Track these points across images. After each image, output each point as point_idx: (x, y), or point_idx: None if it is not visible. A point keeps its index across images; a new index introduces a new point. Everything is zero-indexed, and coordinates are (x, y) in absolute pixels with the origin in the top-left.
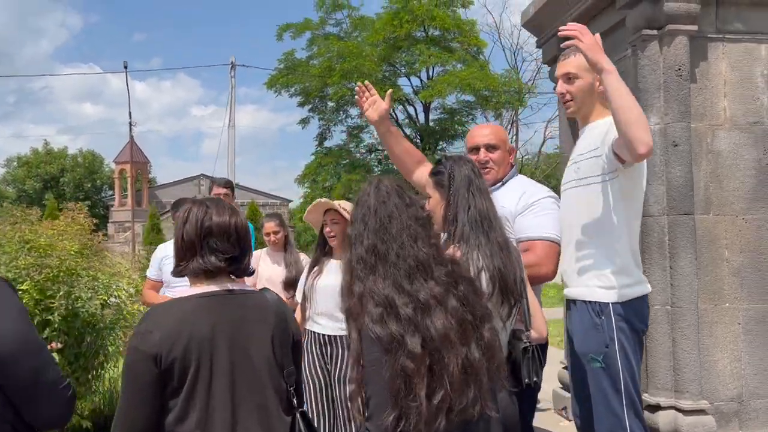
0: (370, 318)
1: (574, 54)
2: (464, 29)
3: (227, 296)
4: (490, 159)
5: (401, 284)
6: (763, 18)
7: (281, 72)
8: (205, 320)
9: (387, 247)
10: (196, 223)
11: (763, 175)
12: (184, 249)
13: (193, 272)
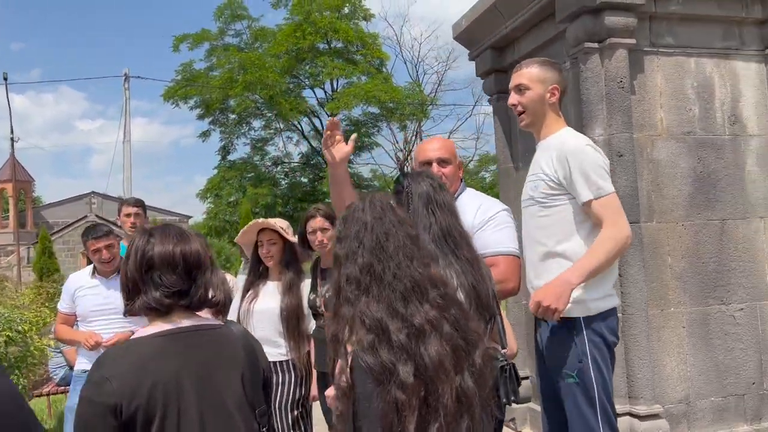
0: (361, 346)
1: (526, 66)
2: (367, 42)
3: (190, 334)
4: (443, 174)
5: (396, 307)
6: (690, 33)
7: (179, 83)
8: (168, 363)
9: (383, 267)
10: (136, 255)
11: (698, 183)
12: (128, 286)
13: (142, 311)
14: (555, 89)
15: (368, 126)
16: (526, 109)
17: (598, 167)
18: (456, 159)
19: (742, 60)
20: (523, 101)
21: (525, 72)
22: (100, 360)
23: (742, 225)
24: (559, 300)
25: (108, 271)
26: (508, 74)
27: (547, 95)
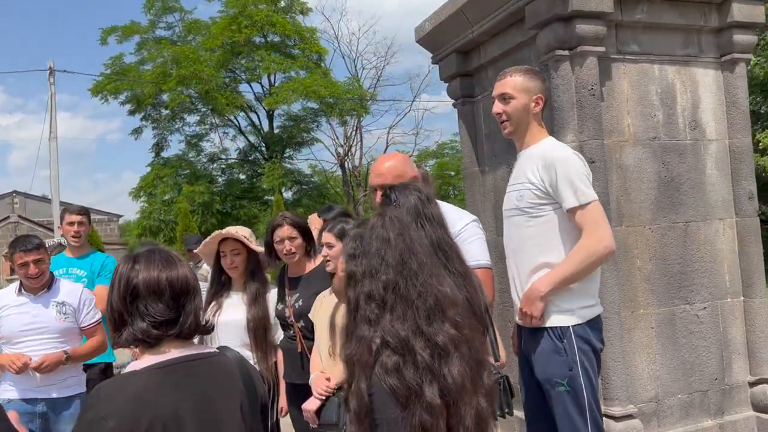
0: (384, 368)
1: (511, 75)
2: (305, 36)
3: (185, 365)
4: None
5: (420, 326)
6: (652, 40)
7: (108, 78)
8: (165, 397)
9: (408, 284)
10: (120, 283)
11: (663, 187)
12: (114, 317)
13: (130, 342)
14: (539, 98)
15: (307, 121)
16: (510, 119)
17: (582, 175)
18: (404, 178)
19: (701, 67)
20: (507, 110)
21: (509, 81)
22: (92, 398)
23: (703, 227)
24: (531, 306)
25: (36, 287)
26: (473, 78)
27: (532, 104)
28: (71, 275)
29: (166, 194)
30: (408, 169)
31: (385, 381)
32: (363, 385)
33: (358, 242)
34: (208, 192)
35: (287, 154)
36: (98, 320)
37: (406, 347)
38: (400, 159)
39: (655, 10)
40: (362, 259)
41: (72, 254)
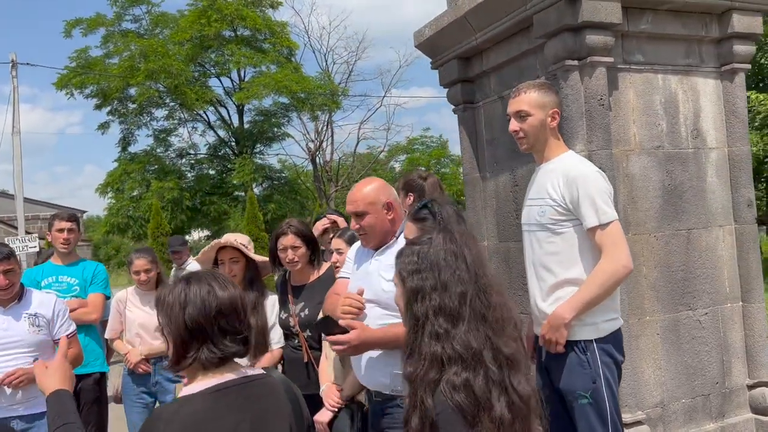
0: (452, 385)
1: (525, 91)
2: (275, 30)
3: (240, 387)
4: (361, 226)
5: (491, 339)
6: (657, 50)
7: (74, 71)
8: (223, 421)
9: (480, 298)
10: (203, 304)
11: (667, 195)
12: (190, 338)
13: (205, 364)
14: (555, 113)
15: (278, 116)
16: (527, 135)
17: (603, 193)
18: (375, 206)
19: (701, 77)
20: (525, 128)
21: (525, 98)
22: (151, 422)
23: (704, 234)
24: (556, 333)
25: (6, 299)
26: (474, 84)
27: (548, 120)
28: (61, 283)
29: (134, 190)
30: (381, 196)
31: (452, 398)
32: (429, 402)
33: (419, 257)
34: (177, 188)
35: (258, 149)
36: (73, 332)
37: (478, 360)
38: (374, 186)
39: (659, 21)
40: (429, 273)
41: (61, 262)
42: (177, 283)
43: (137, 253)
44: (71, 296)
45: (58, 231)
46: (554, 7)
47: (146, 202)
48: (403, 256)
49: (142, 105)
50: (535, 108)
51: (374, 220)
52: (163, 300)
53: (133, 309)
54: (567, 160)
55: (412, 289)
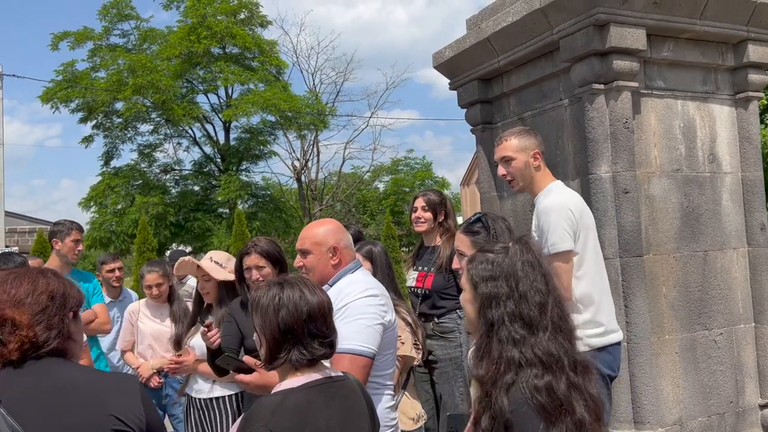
0: (532, 386)
1: (506, 139)
2: (264, 49)
3: (331, 385)
4: (303, 264)
5: (564, 345)
6: (676, 77)
7: (60, 84)
8: (321, 414)
9: (552, 305)
10: (295, 308)
11: (686, 217)
12: (282, 339)
13: (300, 363)
14: (536, 154)
15: (265, 134)
16: (515, 177)
17: (559, 225)
18: (321, 247)
19: (717, 103)
20: (511, 171)
21: (507, 145)
22: (253, 412)
23: (720, 255)
24: None
25: None
26: (492, 105)
27: (531, 160)
28: None
29: (118, 204)
30: (329, 239)
31: (533, 398)
32: (503, 401)
33: (494, 265)
34: (161, 203)
35: (243, 166)
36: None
37: (559, 365)
38: (325, 229)
39: (680, 48)
40: (504, 281)
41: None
42: (272, 287)
43: (149, 266)
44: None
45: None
46: (582, 32)
47: (130, 217)
48: (475, 262)
49: (127, 119)
50: (518, 152)
51: (316, 261)
52: (258, 302)
53: (145, 321)
54: (546, 192)
55: (486, 295)
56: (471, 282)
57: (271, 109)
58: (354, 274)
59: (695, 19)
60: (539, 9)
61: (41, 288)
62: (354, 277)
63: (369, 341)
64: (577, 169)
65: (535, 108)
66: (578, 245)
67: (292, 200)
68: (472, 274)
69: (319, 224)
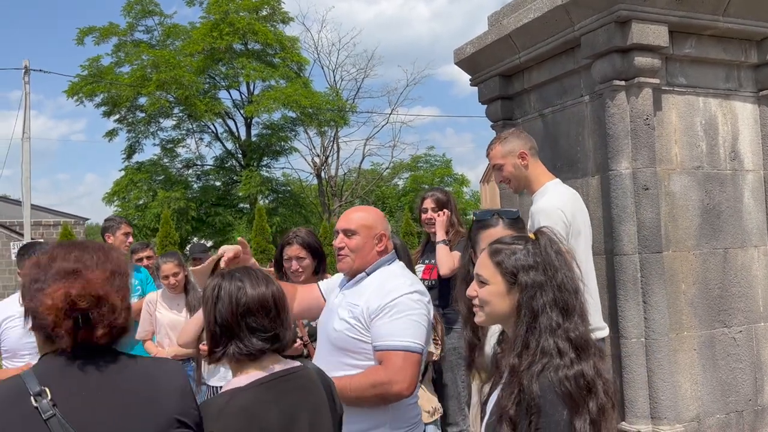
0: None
1: (491, 148)
2: (286, 45)
3: (284, 378)
4: (345, 245)
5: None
6: (699, 74)
7: (85, 79)
8: (272, 412)
9: (583, 294)
10: (230, 300)
11: (706, 214)
12: (219, 332)
13: (233, 357)
14: (523, 154)
15: (286, 130)
16: (509, 181)
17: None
18: (371, 231)
19: (740, 101)
20: (505, 176)
21: (493, 154)
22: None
23: (740, 253)
24: None
25: None
26: (513, 101)
27: (519, 161)
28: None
29: (140, 199)
30: (379, 226)
31: (562, 385)
32: (534, 388)
33: (532, 254)
34: (183, 198)
35: (264, 162)
36: None
37: (588, 351)
38: (375, 214)
39: (702, 45)
40: (542, 270)
41: None
42: (215, 278)
43: (164, 257)
44: (137, 296)
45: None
46: (604, 28)
47: (152, 211)
48: (505, 253)
49: (150, 114)
50: (504, 158)
51: (362, 243)
52: (203, 293)
53: (162, 311)
54: (542, 192)
55: (530, 284)
56: (507, 273)
57: (292, 105)
58: (392, 266)
59: (718, 16)
60: (561, 5)
61: (123, 267)
62: (394, 270)
63: (419, 337)
64: (597, 165)
65: (555, 104)
66: (569, 246)
67: (311, 196)
68: (507, 265)
69: (366, 209)
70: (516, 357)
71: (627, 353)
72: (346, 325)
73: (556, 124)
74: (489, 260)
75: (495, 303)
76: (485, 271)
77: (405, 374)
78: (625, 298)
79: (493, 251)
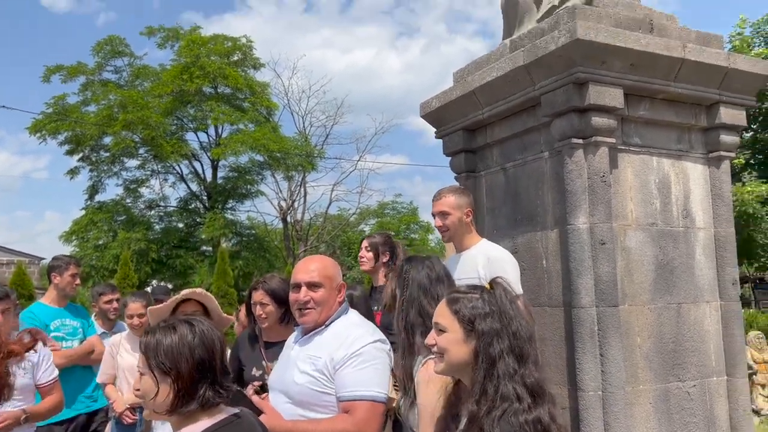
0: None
1: (444, 196)
2: (256, 90)
3: (233, 424)
4: (311, 298)
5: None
6: (653, 134)
7: (49, 116)
8: None
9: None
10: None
11: (660, 270)
12: (196, 377)
13: (197, 407)
14: (469, 211)
15: (253, 174)
16: (449, 230)
17: (512, 273)
18: (332, 282)
19: (691, 161)
20: (447, 224)
21: (445, 201)
22: None
23: (693, 308)
24: None
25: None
26: (476, 154)
27: (464, 217)
28: (68, 326)
29: (100, 239)
30: (338, 276)
31: (523, 429)
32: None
33: (487, 303)
34: (144, 239)
35: (229, 204)
36: (55, 378)
37: (543, 397)
38: (334, 264)
39: (656, 108)
40: (498, 318)
41: (57, 304)
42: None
43: (132, 296)
44: (78, 339)
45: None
46: (562, 89)
47: (111, 252)
48: (463, 301)
49: (115, 154)
50: (454, 209)
51: (327, 296)
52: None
53: (123, 354)
54: (486, 246)
55: (487, 331)
56: (464, 321)
57: (260, 149)
58: (349, 316)
59: (670, 81)
60: (522, 66)
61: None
62: (354, 320)
63: (384, 386)
64: (556, 219)
65: (517, 159)
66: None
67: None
68: (464, 313)
69: (322, 259)
70: (474, 404)
71: (584, 406)
72: (308, 378)
73: (518, 178)
74: (447, 309)
75: (453, 350)
76: (443, 319)
77: (370, 425)
78: (582, 351)
79: (451, 300)
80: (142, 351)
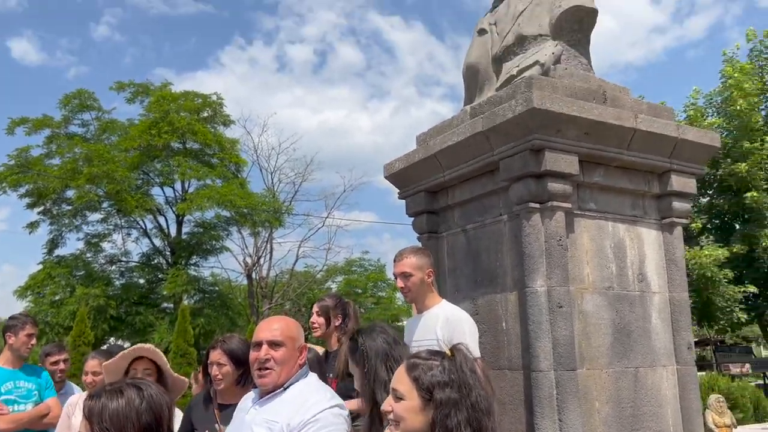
0: None
1: (406, 257)
2: (225, 146)
3: None
4: (272, 358)
5: None
6: (608, 200)
7: (11, 168)
8: None
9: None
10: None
11: (618, 333)
12: None
13: None
14: (430, 272)
15: (218, 229)
16: (410, 290)
17: (475, 335)
18: (295, 343)
19: (645, 227)
20: (408, 284)
21: (406, 262)
22: None
23: (650, 372)
24: None
25: None
26: (438, 216)
27: (425, 277)
28: (20, 389)
29: (57, 295)
30: (300, 337)
31: None
32: None
33: (446, 372)
34: (103, 295)
35: (193, 260)
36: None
37: None
38: (297, 324)
39: (610, 175)
40: (457, 387)
41: (12, 366)
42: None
43: (94, 353)
44: (33, 402)
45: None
46: (519, 155)
47: (67, 308)
48: (422, 368)
49: (77, 208)
50: (415, 269)
51: (288, 356)
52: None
53: (78, 415)
54: (446, 307)
55: (445, 401)
56: (422, 389)
57: (227, 204)
58: (309, 379)
59: (623, 150)
60: (482, 132)
61: None
62: (313, 383)
63: None
64: (515, 281)
65: (476, 221)
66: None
67: (240, 297)
68: (423, 381)
69: (285, 319)
70: None
71: None
72: None
73: (478, 239)
74: (406, 375)
75: (410, 419)
76: (401, 386)
77: None
78: (541, 416)
79: (411, 366)
80: (85, 415)
